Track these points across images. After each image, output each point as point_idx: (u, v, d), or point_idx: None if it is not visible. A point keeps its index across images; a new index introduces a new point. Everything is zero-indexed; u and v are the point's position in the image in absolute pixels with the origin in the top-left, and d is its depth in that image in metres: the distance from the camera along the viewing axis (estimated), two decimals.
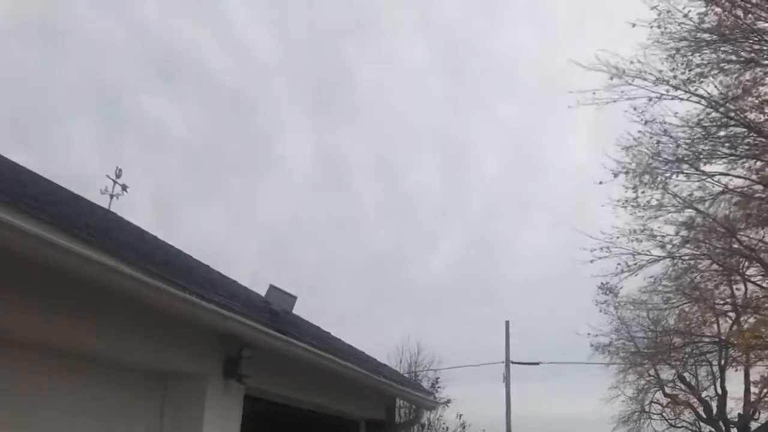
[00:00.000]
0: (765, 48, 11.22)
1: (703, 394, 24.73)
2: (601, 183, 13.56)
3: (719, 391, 23.81)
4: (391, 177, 40.45)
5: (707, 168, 13.08)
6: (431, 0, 33.11)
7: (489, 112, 37.47)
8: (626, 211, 14.67)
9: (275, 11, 34.38)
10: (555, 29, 28.97)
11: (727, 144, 11.98)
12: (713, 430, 24.12)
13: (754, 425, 22.61)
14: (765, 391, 22.82)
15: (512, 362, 25.45)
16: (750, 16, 11.23)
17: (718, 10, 11.38)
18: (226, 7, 31.46)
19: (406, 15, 35.12)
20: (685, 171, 12.63)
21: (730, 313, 18.12)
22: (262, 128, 36.78)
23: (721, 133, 11.83)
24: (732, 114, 11.74)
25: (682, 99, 12.14)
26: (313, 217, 39.87)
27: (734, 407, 23.43)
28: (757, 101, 11.44)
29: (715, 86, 11.65)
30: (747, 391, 22.66)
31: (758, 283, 14.51)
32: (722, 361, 22.91)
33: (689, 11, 11.65)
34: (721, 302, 17.64)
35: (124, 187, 9.48)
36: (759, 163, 12.10)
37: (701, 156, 12.25)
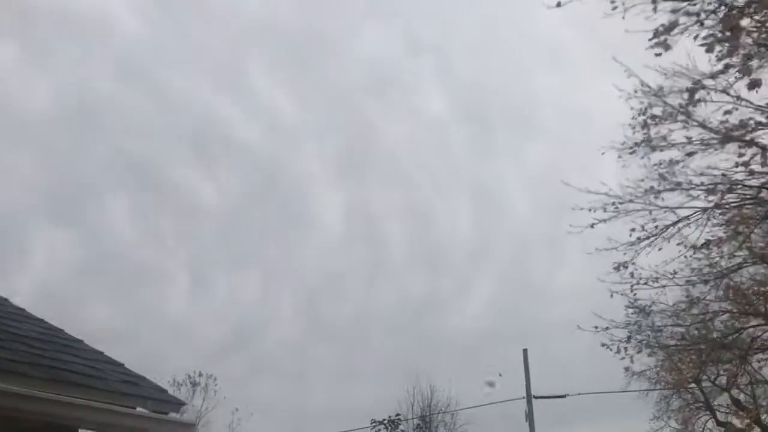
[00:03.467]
0: None
1: (764, 417, 20.96)
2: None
3: None
4: (421, 225, 40.78)
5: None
6: (445, 53, 35.22)
7: (514, 154, 38.69)
8: (635, 159, 11.32)
9: (296, 75, 36.00)
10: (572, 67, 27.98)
11: None
12: None
13: None
14: None
15: (534, 397, 22.00)
16: None
17: None
18: (247, 75, 34.09)
19: (422, 68, 36.99)
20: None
21: None
22: (291, 189, 38.12)
23: None
24: None
25: None
26: (345, 271, 40.70)
27: None
28: None
29: None
30: None
31: None
32: None
33: None
34: None
35: None
36: None
37: None
